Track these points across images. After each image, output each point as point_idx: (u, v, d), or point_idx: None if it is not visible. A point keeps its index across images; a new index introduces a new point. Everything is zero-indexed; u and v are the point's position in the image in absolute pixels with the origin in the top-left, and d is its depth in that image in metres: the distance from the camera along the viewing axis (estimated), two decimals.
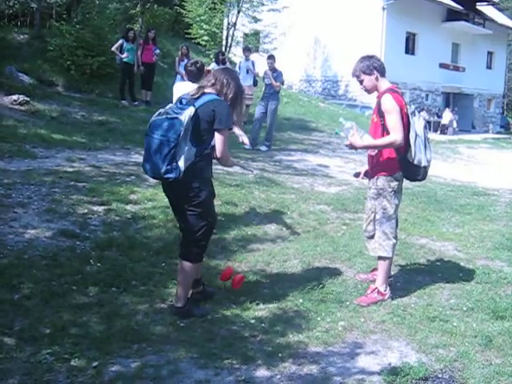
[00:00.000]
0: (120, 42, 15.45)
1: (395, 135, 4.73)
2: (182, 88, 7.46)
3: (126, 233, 6.18)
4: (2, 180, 7.21)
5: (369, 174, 5.19)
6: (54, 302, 4.47)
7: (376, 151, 4.96)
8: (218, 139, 4.31)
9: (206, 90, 4.41)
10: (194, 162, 4.25)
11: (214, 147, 4.41)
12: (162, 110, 4.32)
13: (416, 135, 4.83)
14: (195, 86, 7.50)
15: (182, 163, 4.17)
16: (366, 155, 5.31)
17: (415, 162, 4.90)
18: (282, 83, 13.88)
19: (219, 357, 3.86)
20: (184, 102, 4.37)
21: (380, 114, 4.87)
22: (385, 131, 4.84)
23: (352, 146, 4.90)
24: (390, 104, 4.81)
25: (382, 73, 4.98)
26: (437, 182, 11.30)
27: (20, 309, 4.28)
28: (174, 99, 7.23)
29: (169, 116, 4.20)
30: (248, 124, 16.62)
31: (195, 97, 4.37)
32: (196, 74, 6.74)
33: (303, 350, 4.08)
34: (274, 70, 13.22)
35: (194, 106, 4.25)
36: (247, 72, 15.85)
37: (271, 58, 13.48)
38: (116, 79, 16.54)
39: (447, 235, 7.36)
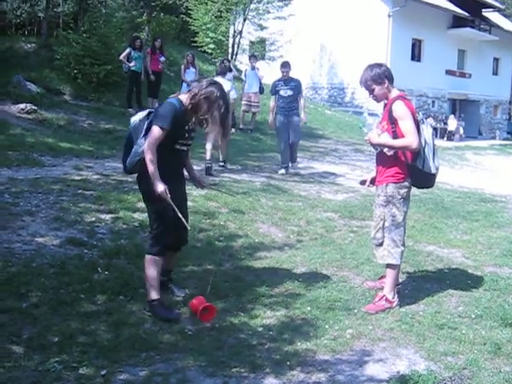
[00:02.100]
0: (127, 50, 15.49)
1: (412, 138, 4.73)
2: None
3: (133, 241, 6.18)
4: (9, 188, 7.24)
5: (375, 182, 5.18)
6: (62, 310, 4.47)
7: (392, 152, 4.94)
8: (150, 133, 4.46)
9: (179, 95, 4.62)
10: (142, 159, 4.46)
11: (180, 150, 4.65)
12: None
13: (425, 142, 4.85)
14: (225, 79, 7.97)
15: (129, 158, 4.58)
16: (374, 161, 5.31)
17: (424, 169, 4.91)
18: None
19: (227, 365, 3.86)
20: None
21: (391, 120, 4.87)
22: (396, 138, 4.84)
23: (370, 142, 4.95)
24: (402, 110, 4.82)
25: (392, 81, 4.99)
26: (444, 188, 11.27)
27: (28, 317, 4.29)
28: None
29: None
30: (255, 131, 16.69)
31: None
32: (224, 69, 7.46)
33: (311, 357, 4.07)
34: (289, 79, 10.99)
35: (151, 108, 4.64)
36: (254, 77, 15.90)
37: (286, 66, 11.01)
38: (123, 87, 16.59)
39: (455, 242, 7.33)
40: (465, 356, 4.16)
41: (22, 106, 13.00)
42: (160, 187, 4.35)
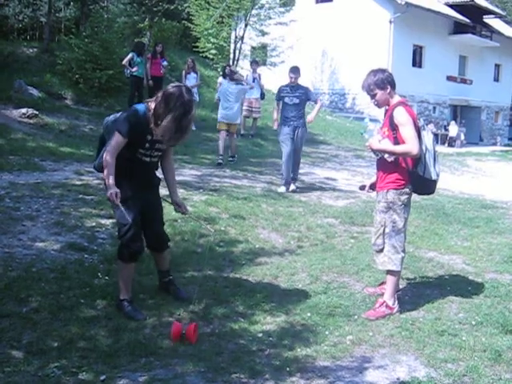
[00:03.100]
0: (130, 55, 15.50)
1: (412, 145, 4.74)
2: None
3: None
4: (10, 193, 7.25)
5: (376, 188, 5.18)
6: (62, 315, 4.47)
7: (392, 158, 4.94)
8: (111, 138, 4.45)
9: (148, 101, 4.54)
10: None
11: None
12: None
13: (426, 149, 4.85)
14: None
15: (98, 159, 4.65)
16: (375, 167, 5.31)
17: (425, 176, 4.92)
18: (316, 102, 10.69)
19: (227, 371, 3.85)
20: None
21: (392, 126, 4.88)
22: (397, 144, 4.85)
23: (370, 148, 4.97)
24: (403, 116, 4.83)
25: (394, 87, 5.01)
26: (445, 194, 11.26)
27: (28, 322, 4.29)
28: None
29: None
30: (256, 137, 16.71)
31: None
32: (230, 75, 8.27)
33: (311, 364, 4.06)
34: (297, 86, 10.15)
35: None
36: (252, 81, 15.95)
37: (295, 71, 10.12)
38: (124, 92, 16.62)
39: (455, 248, 7.32)
40: (465, 363, 4.14)
41: (24, 110, 13.04)
42: (109, 191, 4.30)
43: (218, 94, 12.79)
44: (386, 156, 4.97)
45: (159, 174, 4.92)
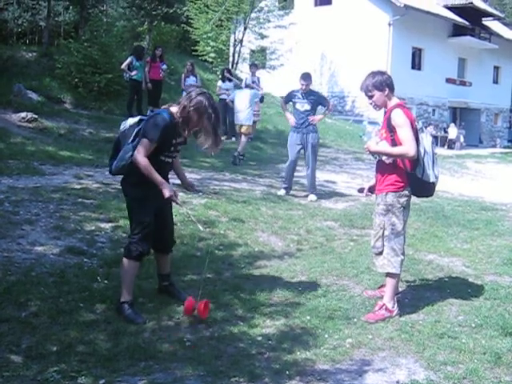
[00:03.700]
0: (129, 59, 15.51)
1: (408, 146, 4.74)
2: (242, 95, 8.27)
3: None
4: (10, 197, 7.24)
5: (375, 190, 5.18)
6: (61, 319, 4.46)
7: (390, 159, 4.94)
8: (140, 142, 4.52)
9: (171, 107, 4.66)
10: (127, 164, 4.56)
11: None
12: None
13: (424, 151, 4.86)
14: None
15: (115, 162, 4.64)
16: (374, 169, 5.31)
17: (424, 178, 4.92)
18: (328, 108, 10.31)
19: (226, 374, 3.84)
20: None
21: (390, 128, 4.88)
22: (395, 146, 4.85)
23: (368, 150, 4.97)
24: (401, 118, 4.83)
25: (392, 90, 5.01)
26: (444, 197, 11.26)
27: (27, 326, 4.28)
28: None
29: None
30: (255, 140, 16.71)
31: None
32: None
33: (311, 367, 4.06)
34: (309, 92, 9.83)
35: (142, 116, 4.77)
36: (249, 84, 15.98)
37: (307, 78, 9.80)
38: (123, 96, 16.63)
39: (455, 251, 7.32)
40: (465, 365, 4.13)
41: (23, 114, 13.04)
42: (167, 192, 4.48)
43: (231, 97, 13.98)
44: (384, 158, 4.97)
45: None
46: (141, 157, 4.43)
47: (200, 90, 4.72)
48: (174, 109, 4.60)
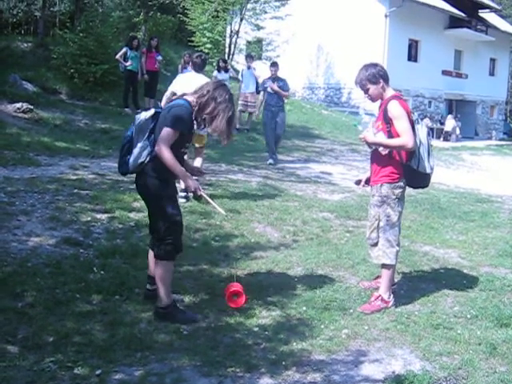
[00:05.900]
0: (124, 49, 15.47)
1: (407, 138, 4.74)
2: (183, 80, 7.84)
3: (129, 240, 6.18)
4: (5, 188, 7.23)
5: (371, 182, 5.18)
6: (58, 309, 4.46)
7: (387, 150, 4.94)
8: (161, 133, 4.33)
9: (185, 97, 4.55)
10: (147, 161, 4.41)
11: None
12: None
13: (420, 142, 4.86)
14: (198, 76, 7.85)
15: (132, 159, 4.43)
16: (369, 161, 5.31)
17: (419, 169, 4.92)
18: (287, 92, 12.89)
19: (223, 365, 3.86)
20: None
21: (386, 120, 4.88)
22: (391, 138, 4.84)
23: (365, 140, 4.95)
24: (398, 110, 4.83)
25: (387, 81, 5.00)
26: (440, 189, 11.28)
27: (23, 317, 4.27)
28: (173, 89, 7.60)
29: None
30: (251, 131, 16.69)
31: (170, 101, 4.65)
32: (201, 65, 7.62)
33: (307, 357, 4.07)
34: (277, 78, 12.49)
35: (157, 108, 4.57)
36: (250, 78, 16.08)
37: (275, 65, 12.80)
38: (119, 87, 16.58)
39: (451, 242, 7.34)
40: (460, 356, 4.16)
41: (18, 105, 12.98)
42: (193, 185, 4.40)
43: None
44: (381, 149, 4.97)
45: None
46: (165, 148, 4.24)
47: (219, 81, 4.71)
48: (190, 98, 4.50)
